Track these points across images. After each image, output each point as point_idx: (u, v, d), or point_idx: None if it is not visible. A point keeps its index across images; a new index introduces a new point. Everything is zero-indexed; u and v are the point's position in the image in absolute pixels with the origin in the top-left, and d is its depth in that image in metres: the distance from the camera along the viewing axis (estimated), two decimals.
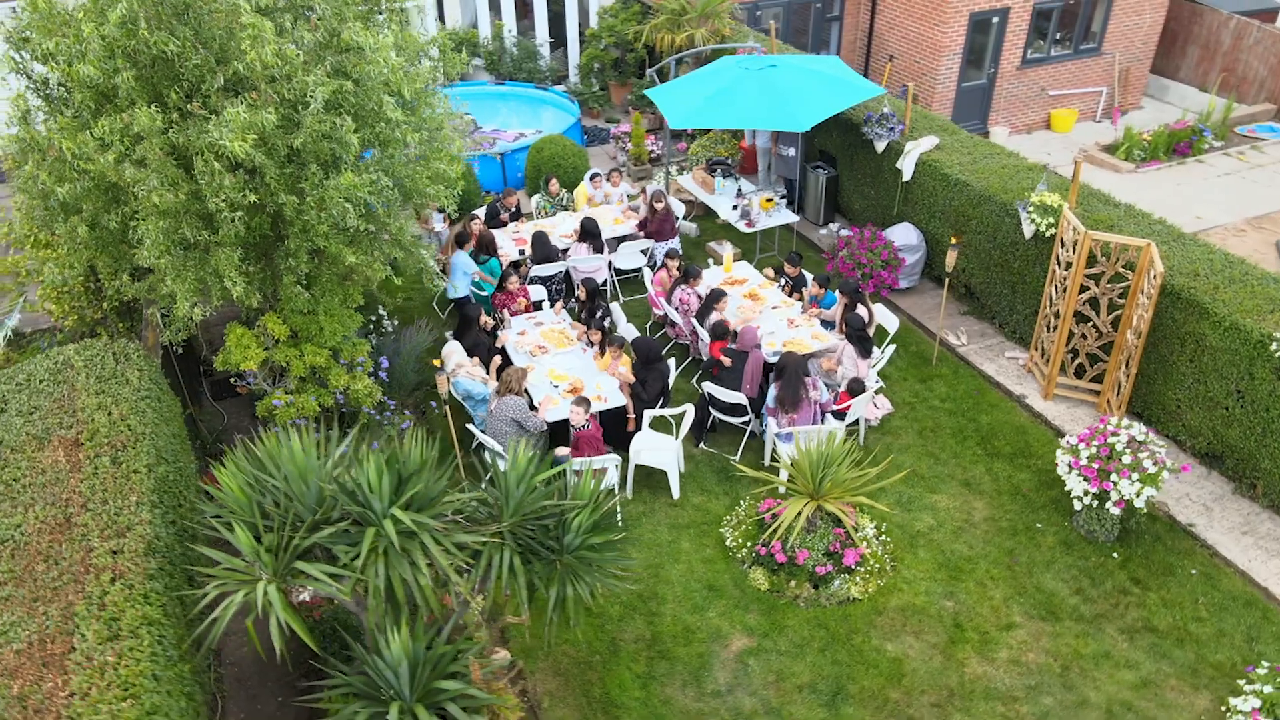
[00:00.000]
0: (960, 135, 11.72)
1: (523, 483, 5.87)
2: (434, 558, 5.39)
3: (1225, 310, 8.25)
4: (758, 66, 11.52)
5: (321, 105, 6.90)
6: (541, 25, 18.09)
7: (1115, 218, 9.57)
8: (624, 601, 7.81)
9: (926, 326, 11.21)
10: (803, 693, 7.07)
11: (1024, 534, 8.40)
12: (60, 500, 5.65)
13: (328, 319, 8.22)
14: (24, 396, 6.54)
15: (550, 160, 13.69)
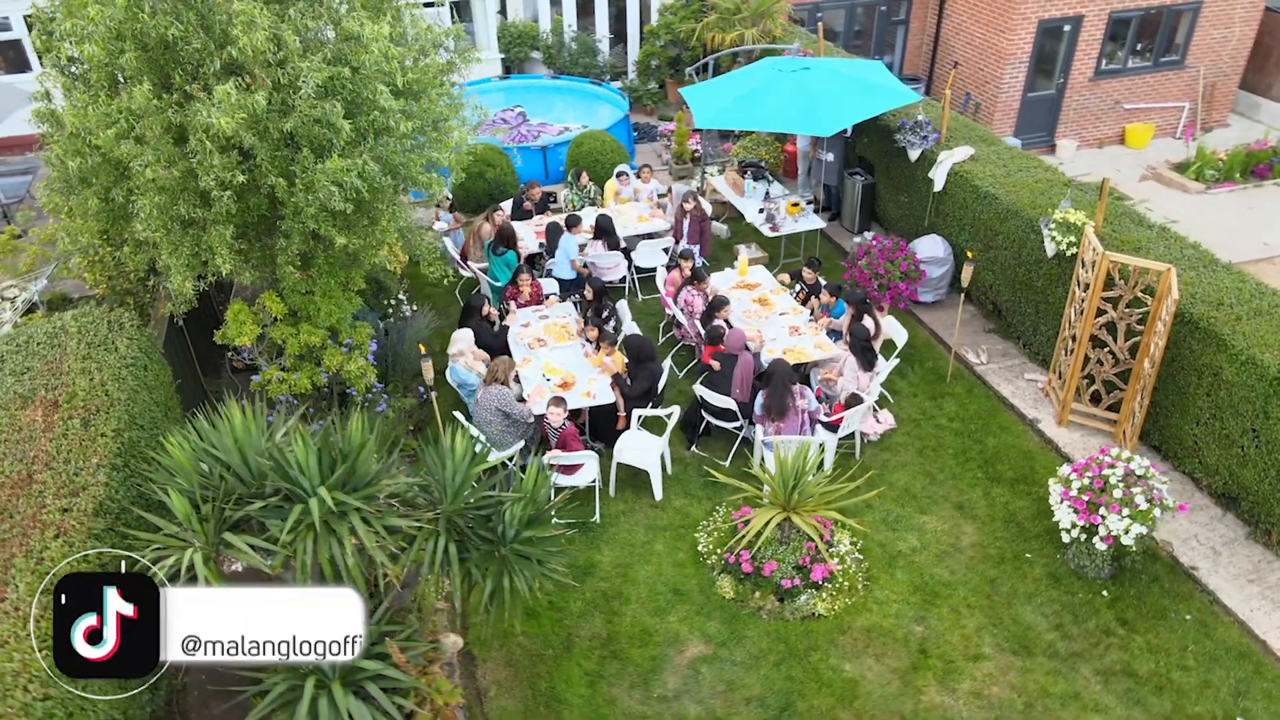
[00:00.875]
0: (999, 147, 11.32)
1: (459, 472, 5.92)
2: (360, 538, 5.49)
3: (1244, 343, 7.77)
4: (791, 69, 11.35)
5: (313, 90, 7.09)
6: (602, 20, 18.18)
7: (1144, 240, 9.11)
8: (586, 598, 7.82)
9: (947, 342, 10.87)
10: (750, 705, 6.96)
11: (1011, 563, 8.08)
12: (27, 458, 5.96)
13: (324, 300, 8.44)
14: (20, 358, 6.92)
15: (589, 155, 13.76)
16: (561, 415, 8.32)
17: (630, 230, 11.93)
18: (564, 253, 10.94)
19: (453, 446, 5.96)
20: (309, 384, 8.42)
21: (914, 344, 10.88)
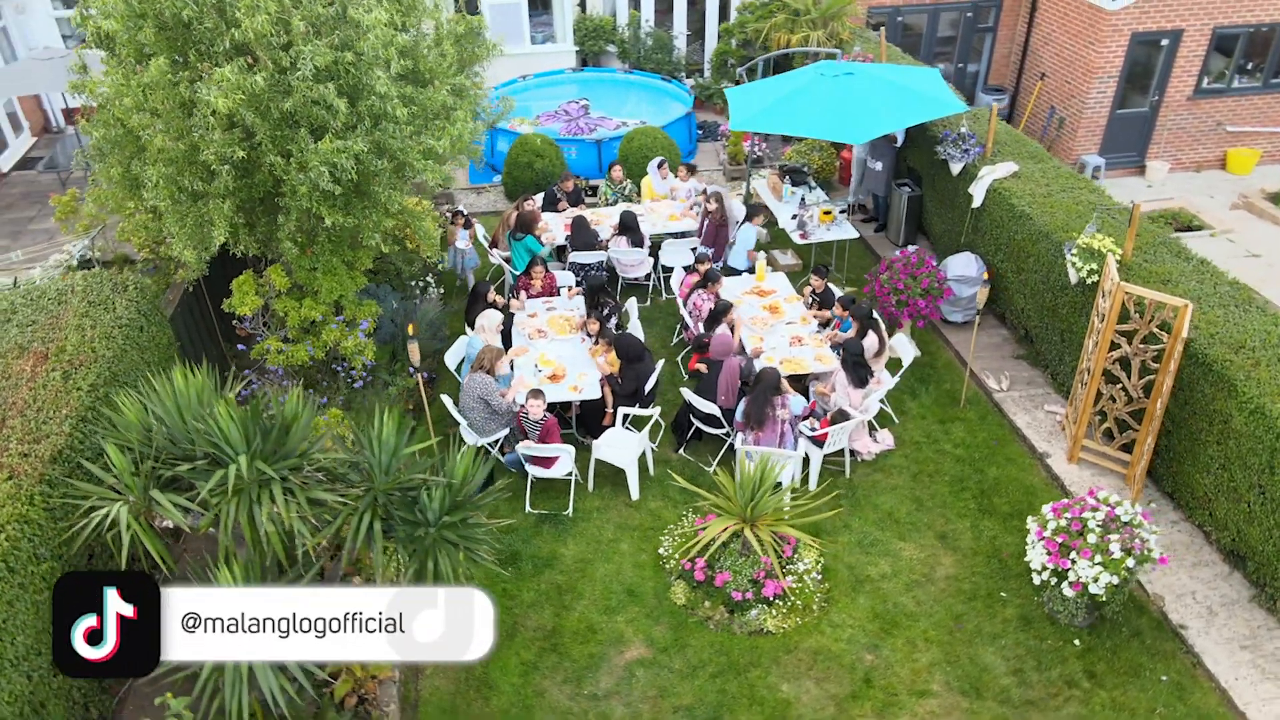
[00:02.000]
0: (1047, 164, 10.77)
1: (385, 452, 6.08)
2: (278, 505, 5.72)
3: (1256, 390, 7.20)
4: (833, 73, 11.08)
5: (311, 73, 7.37)
6: (681, 17, 18.13)
7: (1176, 272, 8.53)
8: (540, 590, 7.89)
9: (970, 365, 10.43)
10: (677, 714, 6.90)
11: (983, 600, 7.73)
12: (5, 404, 6.44)
13: (327, 277, 8.76)
14: (29, 311, 7.46)
15: (638, 150, 13.78)
16: (540, 408, 8.39)
17: (660, 228, 11.90)
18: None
19: (380, 427, 6.11)
20: (306, 357, 8.76)
21: (934, 365, 10.52)
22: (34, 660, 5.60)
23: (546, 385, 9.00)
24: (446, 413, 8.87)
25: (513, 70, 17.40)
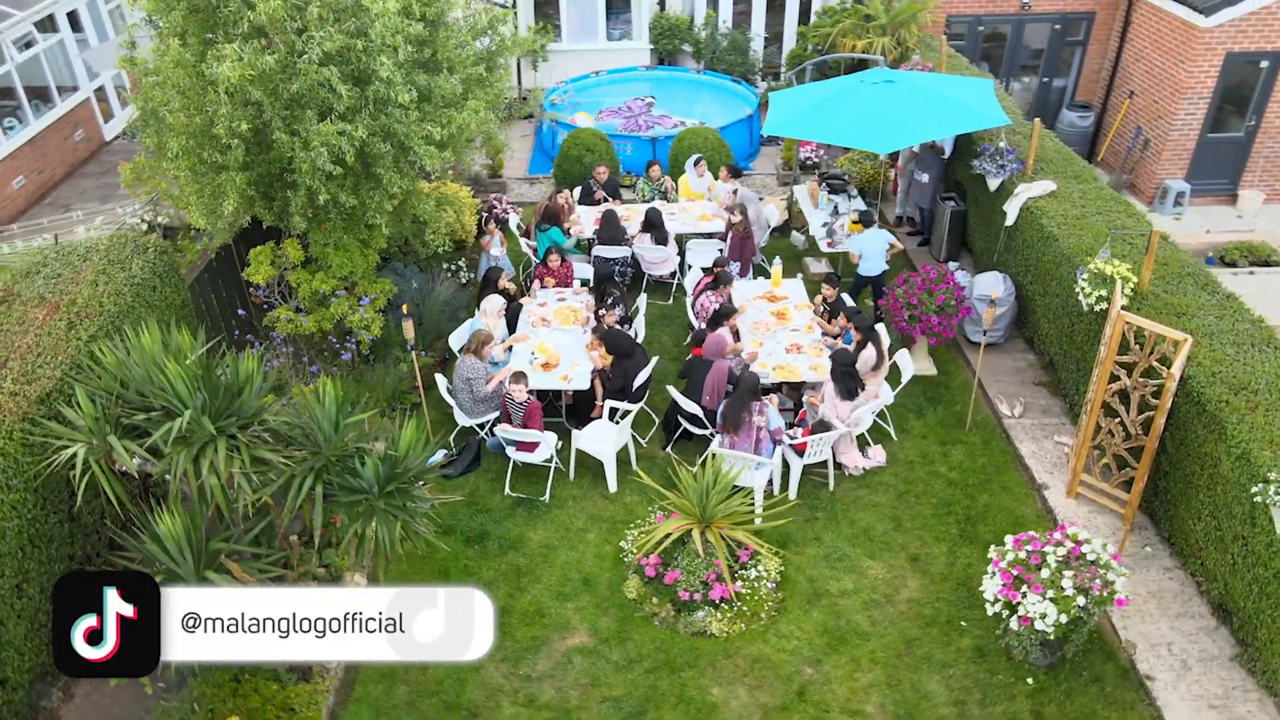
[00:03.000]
0: (1088, 185, 10.29)
1: (327, 420, 6.37)
2: (219, 459, 6.08)
3: (1245, 435, 6.75)
4: (873, 80, 10.88)
5: (318, 57, 7.76)
6: (759, 19, 18.03)
7: (1194, 305, 8.05)
8: (500, 570, 8.09)
9: (986, 388, 10.08)
10: (604, 704, 6.98)
11: (941, 627, 7.51)
12: (12, 346, 7.03)
13: (337, 253, 9.19)
14: (57, 266, 8.10)
15: (688, 150, 13.81)
16: (523, 391, 8.58)
17: (689, 227, 11.92)
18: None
19: (323, 396, 6.40)
20: (314, 327, 9.20)
21: (949, 385, 10.23)
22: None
23: (539, 373, 9.19)
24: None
25: (586, 65, 17.70)
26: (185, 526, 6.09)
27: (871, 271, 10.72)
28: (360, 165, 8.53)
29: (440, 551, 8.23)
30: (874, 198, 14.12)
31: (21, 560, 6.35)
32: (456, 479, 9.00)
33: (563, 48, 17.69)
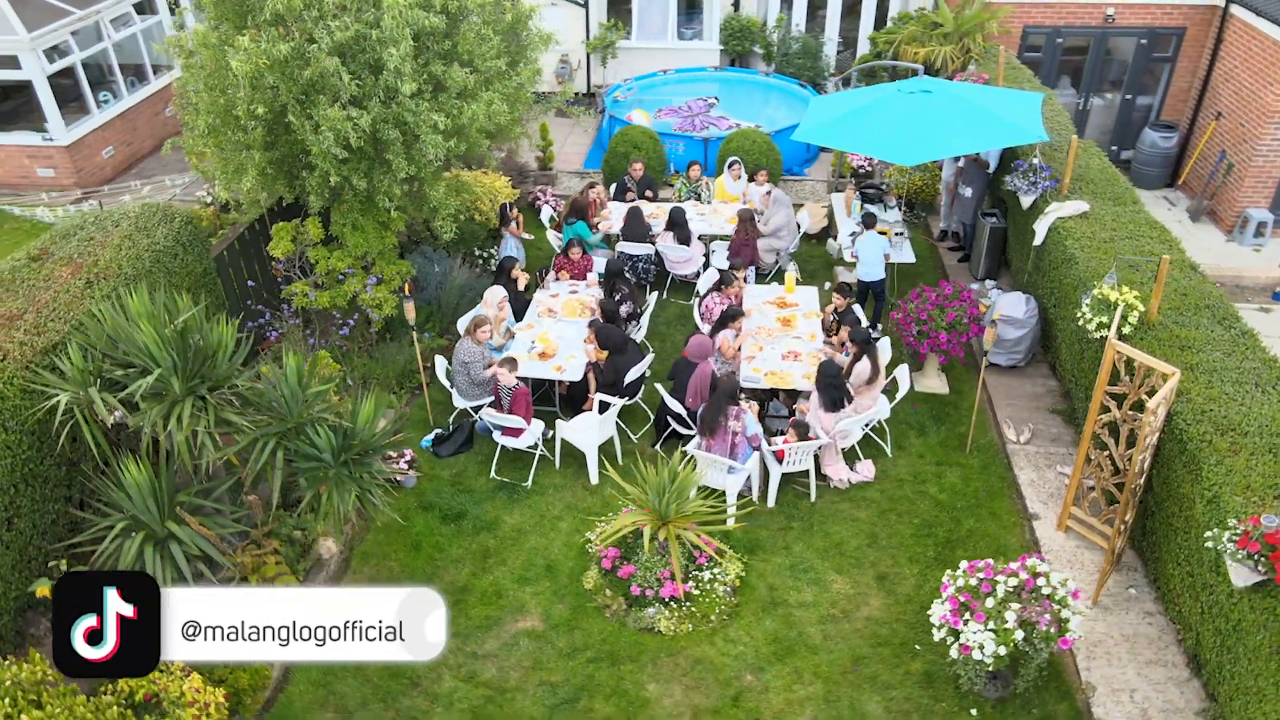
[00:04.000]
0: (1125, 208, 9.83)
1: (289, 389, 6.71)
2: (184, 417, 6.49)
3: (1219, 479, 6.38)
4: (909, 90, 10.65)
5: (328, 46, 8.14)
6: (833, 23, 17.81)
7: (1201, 339, 7.64)
8: (470, 549, 8.31)
9: (996, 411, 9.76)
10: (540, 687, 7.11)
11: (895, 648, 7.35)
12: (31, 299, 7.63)
13: (354, 233, 9.58)
14: (93, 229, 8.73)
15: (735, 152, 13.78)
16: (512, 377, 8.78)
17: (716, 229, 11.92)
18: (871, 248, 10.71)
19: (286, 367, 6.74)
20: (328, 302, 9.62)
21: (958, 405, 9.95)
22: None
23: (535, 362, 9.39)
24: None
25: (655, 64, 17.81)
26: (150, 478, 6.51)
27: (868, 277, 10.55)
28: (373, 150, 8.89)
29: (416, 525, 8.55)
30: (923, 210, 13.82)
31: (14, 496, 6.89)
32: (447, 458, 9.28)
33: (632, 45, 17.85)
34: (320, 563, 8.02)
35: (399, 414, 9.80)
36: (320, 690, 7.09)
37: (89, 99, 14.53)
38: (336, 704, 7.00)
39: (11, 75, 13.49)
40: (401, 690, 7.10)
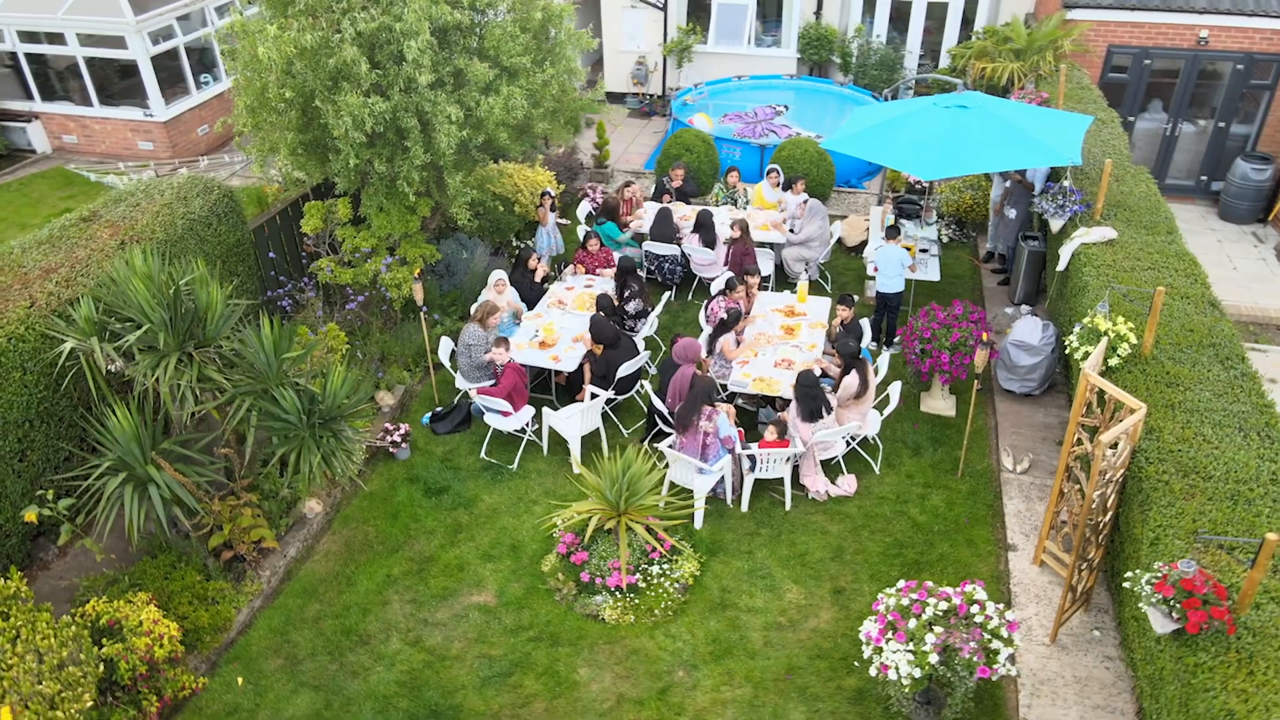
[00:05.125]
0: (1158, 238, 9.38)
1: (263, 351, 7.18)
2: (168, 369, 7.05)
3: (1167, 521, 6.10)
4: (945, 105, 10.44)
5: (351, 37, 8.65)
6: (915, 36, 17.47)
7: (1197, 378, 7.28)
8: (444, 523, 8.65)
9: (999, 439, 9.48)
10: (479, 660, 7.38)
11: (833, 662, 7.29)
12: (68, 255, 8.40)
13: (378, 214, 10.10)
14: (140, 198, 9.49)
15: (786, 160, 13.76)
16: (505, 355, 9.09)
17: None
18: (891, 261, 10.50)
19: (261, 334, 7.21)
20: (350, 278, 10.17)
21: (961, 429, 9.71)
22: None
23: (534, 350, 9.68)
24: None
25: (730, 69, 17.88)
26: (135, 423, 7.10)
27: (886, 289, 10.37)
28: (395, 136, 9.36)
29: (399, 495, 8.96)
30: (973, 230, 13.46)
31: (28, 430, 7.62)
32: (443, 436, 9.66)
33: (708, 50, 17.97)
34: (303, 521, 8.52)
35: (408, 390, 10.27)
36: (277, 638, 7.56)
37: (189, 80, 15.67)
38: (289, 652, 7.45)
39: (118, 55, 14.70)
40: (350, 646, 7.49)
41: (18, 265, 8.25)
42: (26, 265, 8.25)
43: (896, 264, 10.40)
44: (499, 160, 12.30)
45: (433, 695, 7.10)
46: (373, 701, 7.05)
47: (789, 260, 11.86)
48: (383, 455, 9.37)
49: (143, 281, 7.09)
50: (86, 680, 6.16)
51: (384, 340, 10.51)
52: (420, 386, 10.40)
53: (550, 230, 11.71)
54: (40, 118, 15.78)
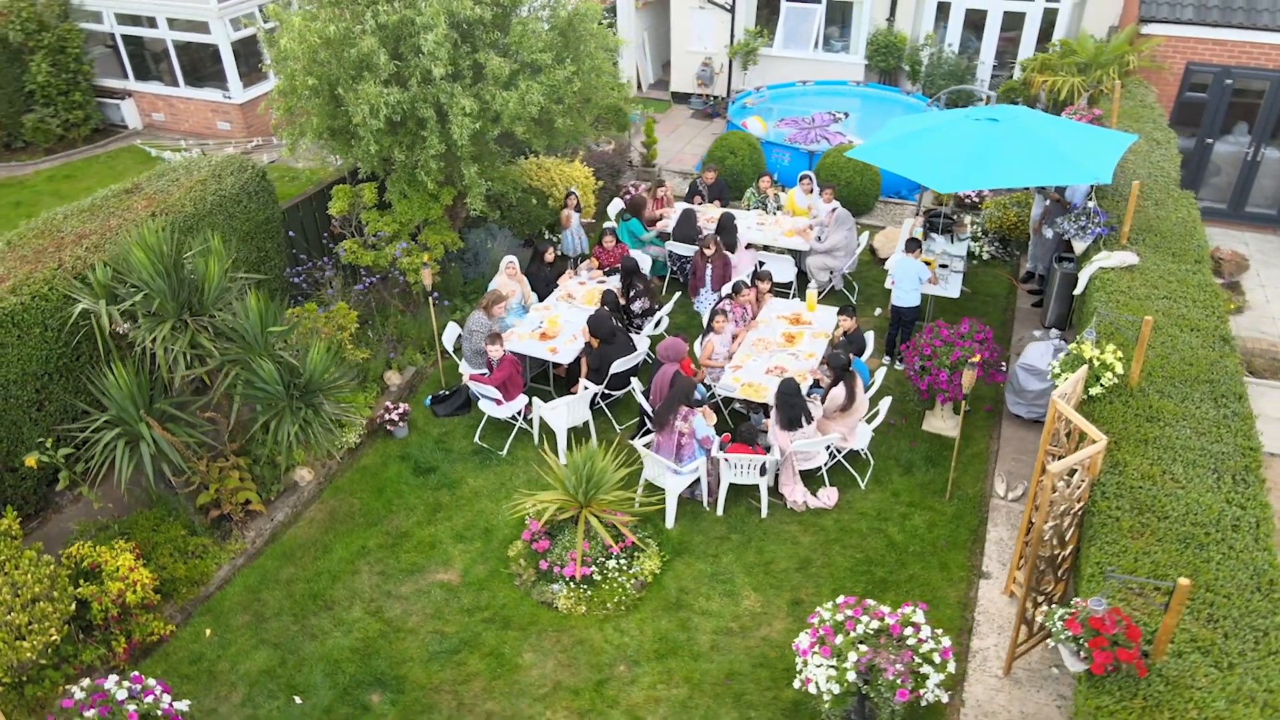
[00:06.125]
0: (1184, 267, 8.91)
1: (252, 326, 7.58)
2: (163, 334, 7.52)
3: (1104, 558, 5.86)
4: (975, 118, 10.17)
5: (371, 28, 9.02)
6: (989, 47, 16.94)
7: (1181, 414, 6.93)
8: (425, 501, 8.93)
9: (997, 464, 9.18)
10: (430, 635, 7.61)
11: (776, 672, 7.24)
12: (103, 223, 9.01)
13: (400, 200, 10.47)
14: (182, 174, 10.09)
15: (828, 168, 13.64)
16: (498, 352, 9.32)
17: (771, 240, 11.87)
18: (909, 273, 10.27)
19: (247, 308, 7.60)
20: (370, 260, 10.57)
21: (961, 451, 9.43)
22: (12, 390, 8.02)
23: (534, 341, 9.88)
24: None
25: (796, 73, 17.71)
26: (130, 382, 7.60)
27: (900, 302, 10.15)
28: (415, 126, 9.69)
29: (389, 471, 9.29)
30: (1017, 248, 13.03)
31: (45, 382, 8.22)
32: (443, 418, 9.96)
33: (774, 53, 17.85)
34: (294, 488, 8.94)
35: (419, 372, 10.61)
36: (249, 596, 7.96)
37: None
38: (257, 610, 7.84)
39: (202, 39, 15.60)
40: (315, 610, 7.84)
41: (57, 230, 8.91)
42: (64, 230, 8.90)
43: (913, 277, 10.18)
44: (527, 155, 12.54)
45: (381, 664, 7.37)
46: (324, 664, 7.36)
47: (813, 268, 11.72)
48: (382, 432, 9.72)
49: (142, 250, 7.57)
50: (54, 616, 6.64)
51: (402, 322, 10.88)
52: (432, 369, 10.73)
53: (574, 231, 11.88)
54: (133, 96, 16.87)
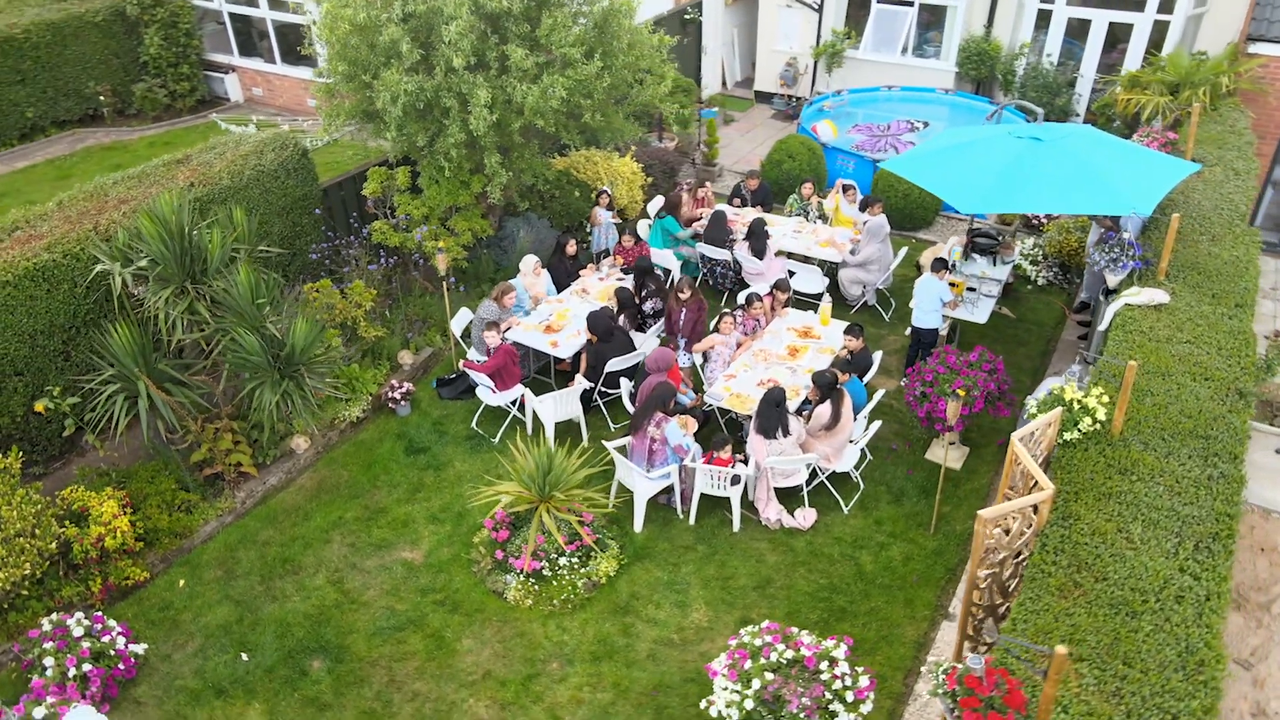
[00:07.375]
0: (1225, 309, 8.20)
1: (242, 299, 7.94)
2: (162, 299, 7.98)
3: (1020, 615, 5.48)
4: (1018, 135, 9.63)
5: (397, 17, 9.28)
6: (1090, 60, 15.97)
7: (1157, 470, 6.41)
8: (410, 480, 9.16)
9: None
10: (381, 611, 7.82)
11: (702, 689, 7.03)
12: (143, 189, 9.59)
13: (430, 185, 10.73)
14: (226, 147, 10.63)
15: (882, 176, 13.20)
16: (495, 339, 9.45)
17: (805, 249, 11.58)
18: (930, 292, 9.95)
19: (238, 282, 7.95)
20: (399, 240, 10.88)
21: (957, 485, 9.04)
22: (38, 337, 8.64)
23: (538, 333, 9.97)
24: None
25: (882, 78, 17.17)
26: (132, 340, 8.09)
27: (920, 323, 9.75)
28: (440, 114, 9.92)
29: (382, 448, 9.58)
30: (1076, 275, 12.28)
31: (72, 335, 8.85)
32: (447, 401, 10.18)
33: (860, 56, 17.33)
34: (291, 455, 9.33)
35: (435, 353, 10.87)
36: (226, 553, 8.37)
37: None
38: (230, 566, 8.24)
39: (297, 20, 16.35)
40: (282, 574, 8.18)
41: (104, 194, 9.55)
42: (110, 195, 9.53)
43: (934, 298, 9.76)
44: (565, 149, 12.61)
45: (329, 632, 7.63)
46: (277, 626, 7.68)
47: (845, 282, 11.38)
48: (386, 410, 10.02)
49: (149, 219, 8.03)
50: (30, 552, 7.17)
51: (428, 304, 11.17)
52: (448, 352, 10.97)
53: (604, 229, 11.88)
54: (236, 70, 17.85)
